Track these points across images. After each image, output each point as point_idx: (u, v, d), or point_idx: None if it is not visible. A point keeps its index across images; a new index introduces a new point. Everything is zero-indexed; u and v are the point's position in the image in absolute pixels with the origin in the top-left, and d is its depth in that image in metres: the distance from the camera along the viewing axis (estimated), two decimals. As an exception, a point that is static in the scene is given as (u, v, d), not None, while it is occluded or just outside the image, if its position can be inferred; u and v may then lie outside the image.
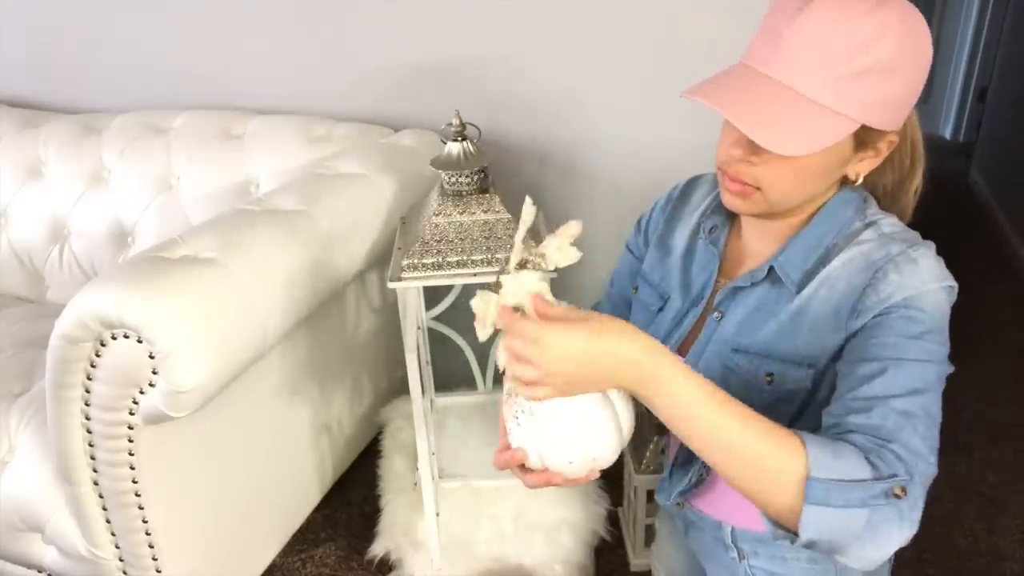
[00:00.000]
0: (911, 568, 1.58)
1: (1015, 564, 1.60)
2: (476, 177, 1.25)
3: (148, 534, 1.19)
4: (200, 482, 1.27)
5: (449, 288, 1.44)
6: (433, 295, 1.49)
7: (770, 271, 0.80)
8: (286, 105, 1.80)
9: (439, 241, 1.23)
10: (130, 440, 1.12)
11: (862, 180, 0.78)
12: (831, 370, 0.75)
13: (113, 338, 1.06)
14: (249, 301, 1.13)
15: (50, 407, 1.12)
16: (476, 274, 1.22)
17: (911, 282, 0.70)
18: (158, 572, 1.22)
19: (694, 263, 0.89)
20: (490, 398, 1.65)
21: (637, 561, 1.59)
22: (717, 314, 0.84)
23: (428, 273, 1.21)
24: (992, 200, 3.29)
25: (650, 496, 1.50)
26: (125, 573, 1.24)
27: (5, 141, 1.88)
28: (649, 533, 1.52)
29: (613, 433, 0.73)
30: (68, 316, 1.05)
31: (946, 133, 4.15)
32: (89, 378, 1.09)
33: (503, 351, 0.69)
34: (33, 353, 1.48)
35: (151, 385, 1.07)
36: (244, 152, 1.69)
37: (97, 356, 1.07)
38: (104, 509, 1.18)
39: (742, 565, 0.91)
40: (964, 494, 1.76)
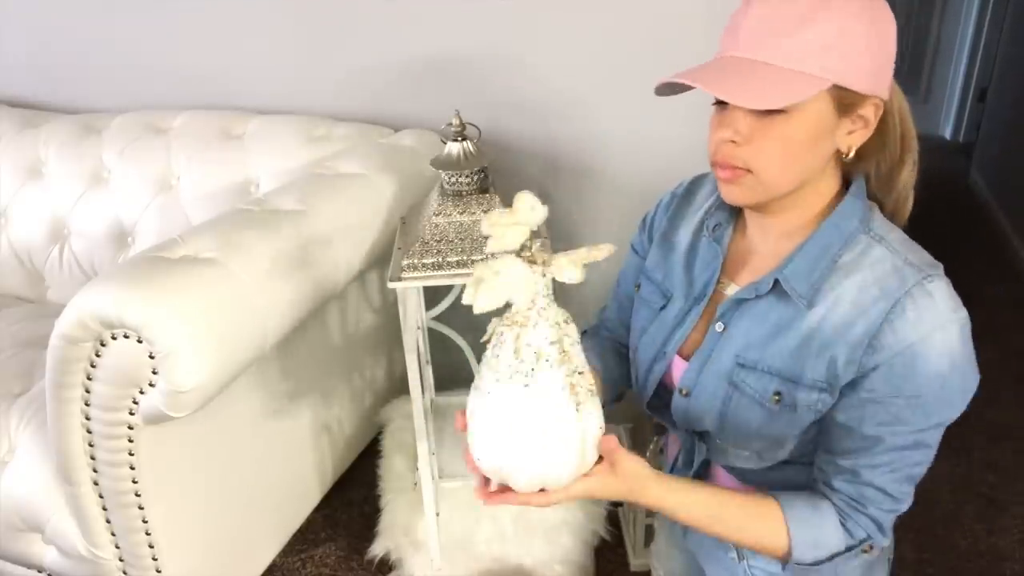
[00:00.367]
0: (911, 568, 1.58)
1: (1015, 564, 1.60)
2: (476, 177, 1.25)
3: (148, 534, 1.19)
4: (200, 482, 1.27)
5: (449, 288, 1.44)
6: (433, 295, 1.49)
7: (775, 284, 0.79)
8: (286, 105, 1.80)
9: (439, 241, 1.22)
10: (130, 440, 1.12)
11: (854, 155, 0.77)
12: (844, 395, 0.76)
13: (113, 338, 1.06)
14: (249, 301, 1.13)
15: (50, 407, 1.12)
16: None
17: (928, 320, 0.71)
18: (158, 572, 1.22)
19: (697, 261, 0.89)
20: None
21: (637, 561, 1.59)
22: (720, 325, 0.83)
23: (428, 273, 1.21)
24: (992, 200, 3.29)
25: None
26: (125, 573, 1.24)
27: (5, 141, 1.88)
28: (649, 533, 1.52)
29: (574, 453, 0.70)
30: (68, 316, 1.05)
31: (946, 133, 4.15)
32: (89, 378, 1.09)
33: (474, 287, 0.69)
34: (33, 353, 1.48)
35: (151, 385, 1.07)
36: (244, 152, 1.69)
37: (97, 356, 1.07)
38: (104, 509, 1.18)
39: (741, 565, 0.91)
40: (964, 494, 1.76)
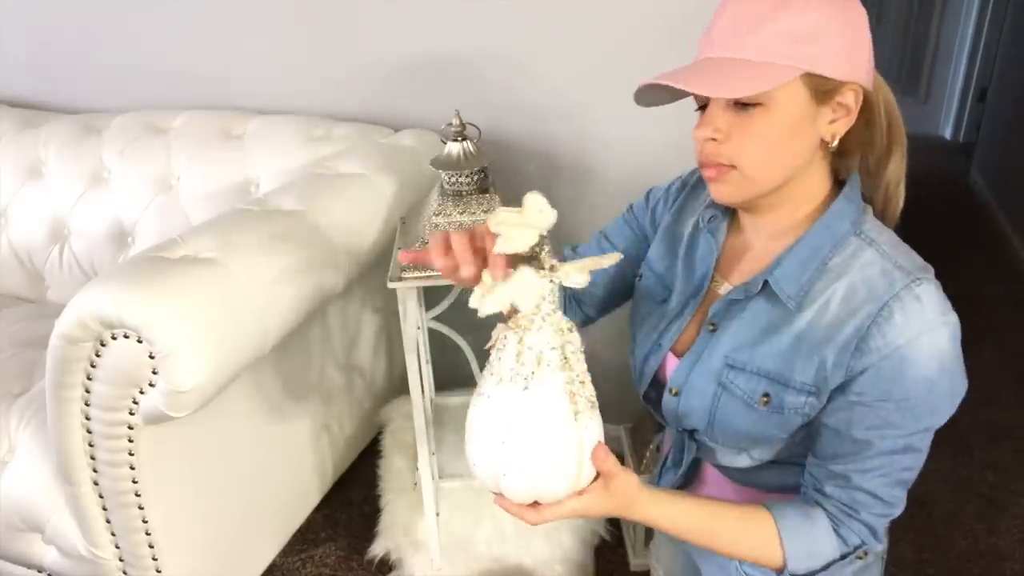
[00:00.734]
0: (911, 568, 1.58)
1: (1015, 564, 1.60)
2: (476, 177, 1.25)
3: (148, 534, 1.19)
4: (200, 482, 1.27)
5: (449, 288, 1.44)
6: (433, 295, 1.49)
7: (764, 285, 0.79)
8: (286, 105, 1.80)
9: (439, 241, 1.22)
10: (130, 440, 1.12)
11: (841, 147, 0.77)
12: (833, 399, 0.76)
13: (113, 338, 1.06)
14: (249, 301, 1.13)
15: (50, 407, 1.12)
16: (476, 274, 1.22)
17: (915, 323, 0.71)
18: (158, 572, 1.22)
19: (695, 254, 0.89)
20: (490, 398, 1.65)
21: (637, 561, 1.59)
22: (711, 326, 0.83)
23: (428, 273, 1.21)
24: (992, 200, 3.29)
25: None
26: (125, 573, 1.24)
27: (5, 141, 1.88)
28: (649, 533, 1.52)
29: (570, 462, 0.69)
30: (68, 316, 1.05)
31: (946, 133, 4.15)
32: (89, 378, 1.09)
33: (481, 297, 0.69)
34: (33, 353, 1.48)
35: (151, 385, 1.07)
36: (244, 152, 1.69)
37: (97, 356, 1.07)
38: (104, 509, 1.19)
39: (733, 562, 0.91)
40: (964, 494, 1.76)
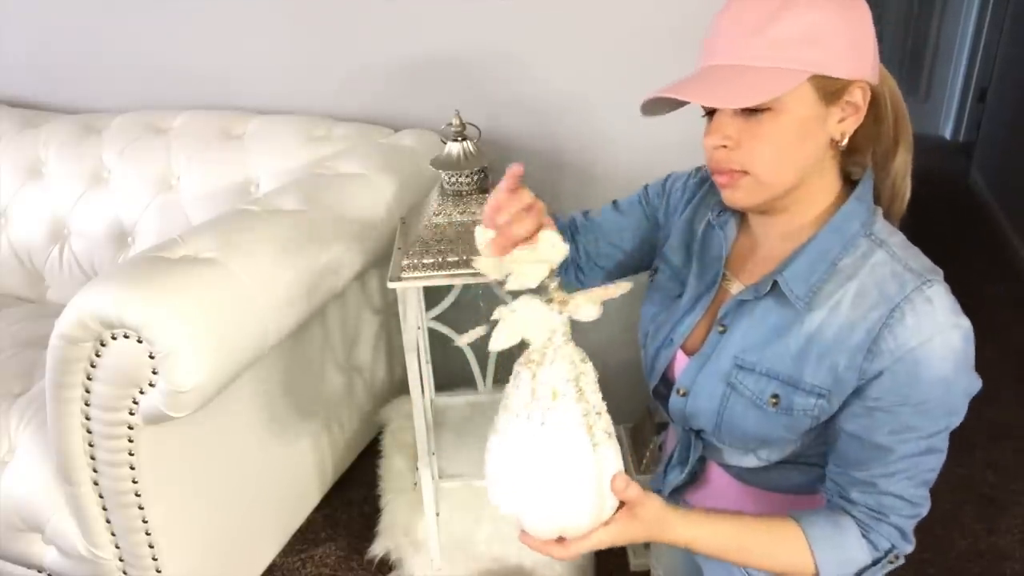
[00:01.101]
0: (911, 568, 1.58)
1: (1015, 564, 1.60)
2: (476, 177, 1.25)
3: (148, 534, 1.19)
4: (200, 482, 1.27)
5: (449, 288, 1.44)
6: (433, 295, 1.49)
7: (774, 286, 0.79)
8: (286, 105, 1.80)
9: (439, 241, 1.22)
10: (130, 440, 1.12)
11: (850, 145, 0.77)
12: (850, 404, 0.76)
13: (113, 338, 1.06)
14: (249, 301, 1.13)
15: (50, 407, 1.12)
16: (476, 274, 1.22)
17: (927, 326, 0.71)
18: (158, 572, 1.22)
19: (709, 250, 0.89)
20: (490, 398, 1.65)
21: (637, 561, 1.59)
22: (721, 328, 0.83)
23: (428, 273, 1.21)
24: (992, 200, 3.29)
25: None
26: (125, 573, 1.24)
27: (5, 141, 1.88)
28: (649, 533, 1.52)
29: (590, 494, 0.69)
30: (68, 316, 1.05)
31: (946, 133, 4.15)
32: (89, 378, 1.09)
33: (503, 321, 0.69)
34: (33, 353, 1.48)
35: (151, 385, 1.07)
36: (244, 152, 1.69)
37: (97, 356, 1.07)
38: (104, 509, 1.18)
39: None
40: (964, 494, 1.76)
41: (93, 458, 1.14)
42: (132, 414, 1.10)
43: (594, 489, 0.69)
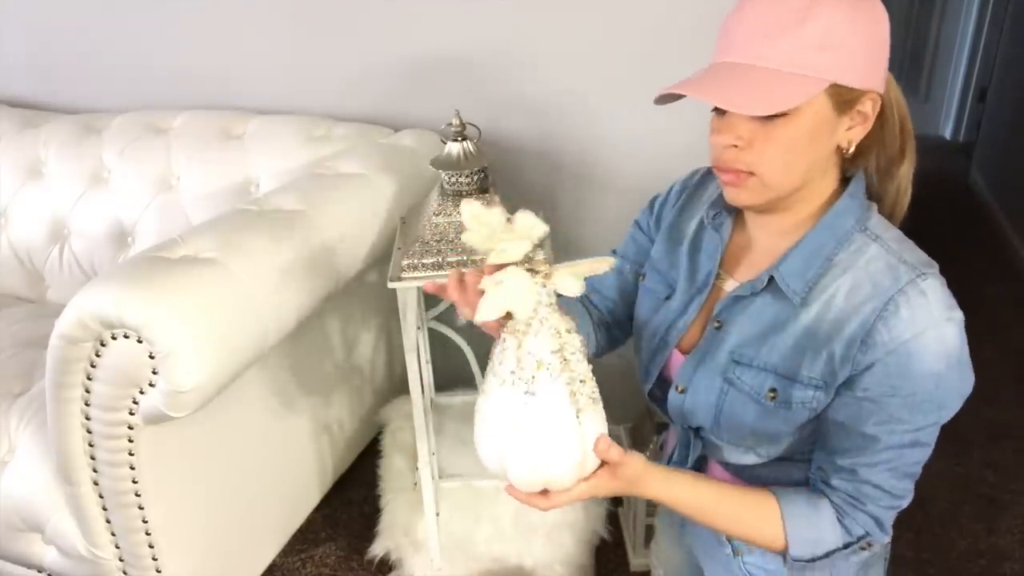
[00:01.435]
0: (911, 568, 1.58)
1: (1015, 564, 1.60)
2: (476, 177, 1.25)
3: (148, 534, 1.19)
4: (200, 482, 1.27)
5: (449, 288, 1.44)
6: (433, 295, 1.49)
7: (770, 281, 0.79)
8: (286, 105, 1.80)
9: (439, 241, 1.23)
10: (130, 440, 1.12)
11: (855, 151, 0.77)
12: (840, 394, 0.76)
13: (113, 338, 1.06)
14: (249, 301, 1.13)
15: (50, 407, 1.12)
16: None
17: (921, 318, 0.71)
18: (158, 572, 1.22)
19: (701, 251, 0.89)
20: (490, 398, 1.65)
21: (637, 561, 1.59)
22: (717, 324, 0.83)
23: (428, 273, 1.21)
24: (992, 200, 3.29)
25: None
26: (125, 573, 1.24)
27: (5, 141, 1.88)
28: (649, 533, 1.52)
29: (573, 460, 0.71)
30: (68, 316, 1.05)
31: (946, 133, 4.15)
32: (89, 378, 1.09)
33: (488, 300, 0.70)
34: (33, 353, 1.48)
35: (151, 385, 1.07)
36: (244, 152, 1.69)
37: (97, 356, 1.07)
38: (104, 509, 1.19)
39: (736, 561, 0.91)
40: (964, 494, 1.76)
41: (93, 458, 1.14)
42: (132, 414, 1.10)
43: (577, 451, 0.71)
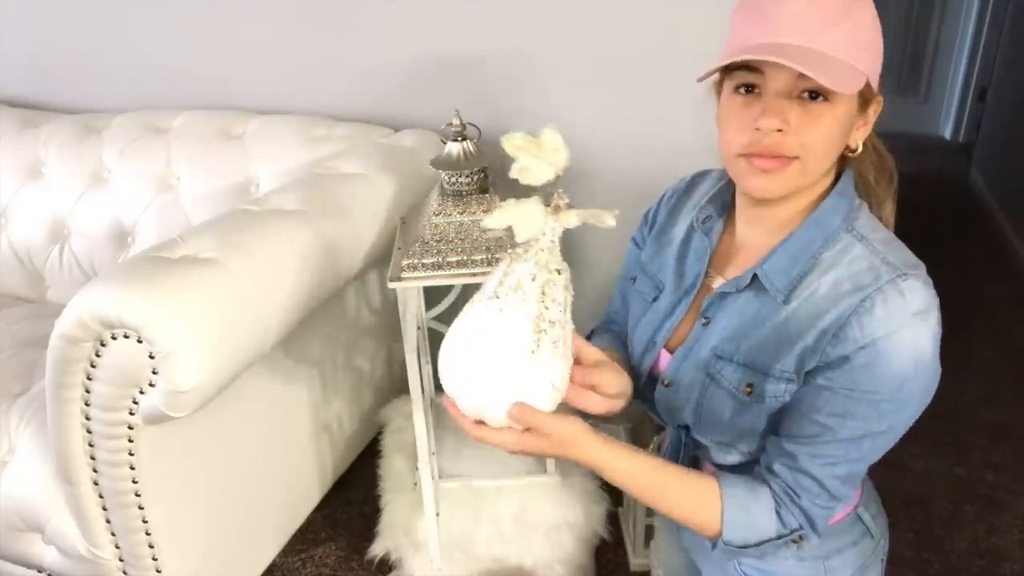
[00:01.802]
0: (911, 568, 1.58)
1: (1015, 564, 1.60)
2: (476, 177, 1.25)
3: (148, 534, 1.19)
4: (200, 482, 1.27)
5: (449, 288, 1.44)
6: (433, 295, 1.49)
7: (754, 279, 0.79)
8: (286, 105, 1.80)
9: (439, 241, 1.23)
10: (130, 440, 1.12)
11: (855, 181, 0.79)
12: (805, 382, 0.76)
13: (113, 338, 1.06)
14: (249, 301, 1.13)
15: (50, 407, 1.12)
16: (476, 274, 1.22)
17: (895, 318, 0.71)
18: (158, 572, 1.22)
19: (689, 254, 0.90)
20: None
21: (637, 561, 1.59)
22: (704, 320, 0.84)
23: (428, 273, 1.21)
24: (992, 200, 3.29)
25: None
26: (125, 573, 1.24)
27: (5, 141, 1.88)
28: (649, 533, 1.52)
29: (513, 391, 0.72)
30: (68, 316, 1.05)
31: (946, 133, 4.15)
32: (89, 378, 1.09)
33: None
34: (33, 353, 1.48)
35: (151, 385, 1.07)
36: (244, 152, 1.69)
37: (97, 356, 1.07)
38: (104, 509, 1.19)
39: (731, 563, 0.91)
40: (964, 494, 1.76)
41: (93, 458, 1.14)
42: (132, 414, 1.10)
43: (516, 388, 0.71)
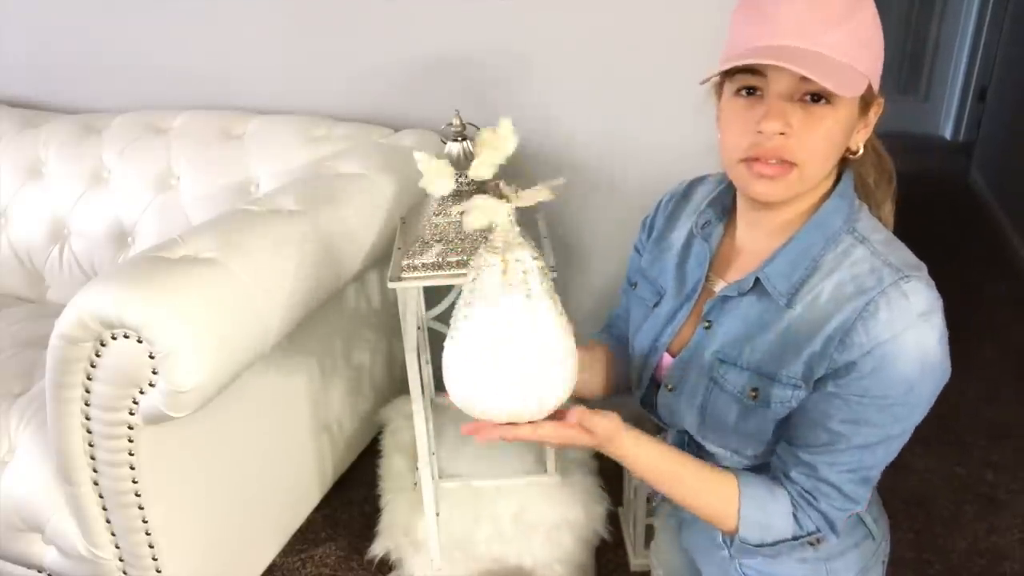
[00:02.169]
0: (912, 568, 1.58)
1: (1015, 564, 1.60)
2: (476, 177, 1.25)
3: (148, 534, 1.19)
4: (200, 482, 1.27)
5: (449, 288, 1.43)
6: (433, 295, 1.49)
7: (756, 282, 0.79)
8: (286, 105, 1.80)
9: (439, 241, 1.22)
10: (130, 440, 1.12)
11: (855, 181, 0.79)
12: (816, 389, 0.76)
13: (113, 338, 1.06)
14: (249, 301, 1.13)
15: (50, 407, 1.12)
16: (476, 274, 1.22)
17: (900, 321, 0.71)
18: (158, 572, 1.22)
19: (689, 259, 0.90)
20: (490, 398, 1.65)
21: (637, 561, 1.59)
22: (706, 324, 0.84)
23: (428, 273, 1.21)
24: (992, 200, 3.29)
25: (650, 496, 1.50)
26: (125, 573, 1.24)
27: (5, 141, 1.87)
28: (649, 533, 1.52)
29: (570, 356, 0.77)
30: (68, 316, 1.05)
31: (946, 133, 4.15)
32: (89, 378, 1.09)
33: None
34: (33, 353, 1.48)
35: (151, 385, 1.07)
36: (244, 152, 1.69)
37: (97, 356, 1.07)
38: (104, 509, 1.18)
39: (733, 563, 0.91)
40: (964, 494, 1.75)
41: (93, 458, 1.14)
42: (132, 414, 1.10)
43: (547, 379, 0.77)
